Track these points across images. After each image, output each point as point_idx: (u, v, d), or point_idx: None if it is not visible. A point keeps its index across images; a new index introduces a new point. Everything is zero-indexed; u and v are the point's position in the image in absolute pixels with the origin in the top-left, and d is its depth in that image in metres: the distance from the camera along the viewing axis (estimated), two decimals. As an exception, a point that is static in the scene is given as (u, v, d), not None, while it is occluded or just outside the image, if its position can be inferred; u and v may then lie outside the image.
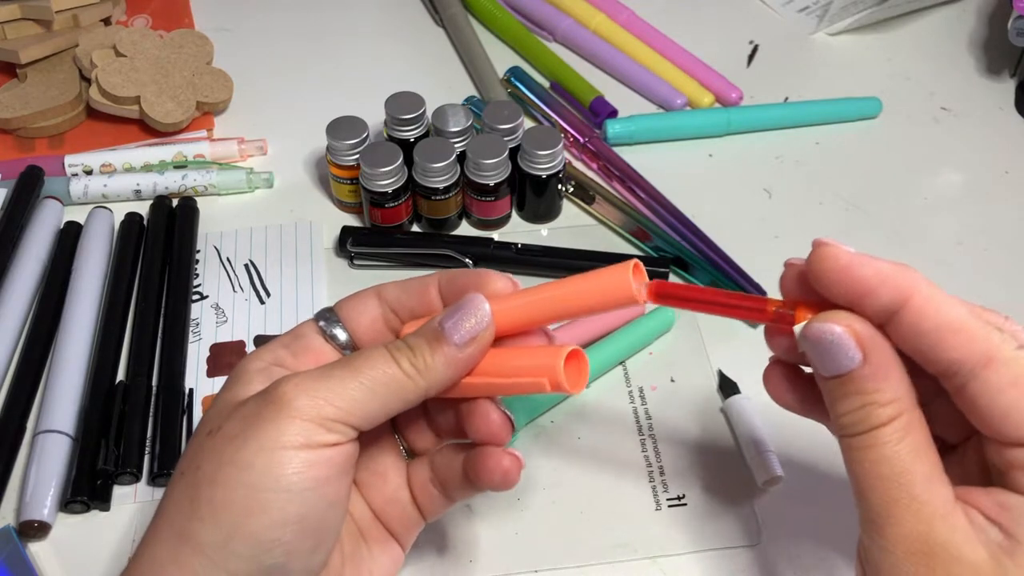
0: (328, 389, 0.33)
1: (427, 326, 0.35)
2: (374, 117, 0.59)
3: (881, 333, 0.32)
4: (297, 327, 0.38)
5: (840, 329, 0.31)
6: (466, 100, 0.65)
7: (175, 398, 0.50)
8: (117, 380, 0.51)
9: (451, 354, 0.34)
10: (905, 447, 0.31)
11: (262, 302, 0.56)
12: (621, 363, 0.52)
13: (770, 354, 0.37)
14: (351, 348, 0.37)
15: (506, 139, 0.57)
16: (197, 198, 0.61)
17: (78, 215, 0.59)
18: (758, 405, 0.49)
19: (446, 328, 0.34)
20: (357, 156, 0.57)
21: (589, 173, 0.62)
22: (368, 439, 0.37)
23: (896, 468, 0.31)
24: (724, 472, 0.48)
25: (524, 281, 0.39)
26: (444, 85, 0.68)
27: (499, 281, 0.36)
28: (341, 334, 0.37)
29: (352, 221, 0.60)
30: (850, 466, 0.32)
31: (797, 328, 0.33)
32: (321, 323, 0.37)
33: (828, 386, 0.33)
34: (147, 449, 0.49)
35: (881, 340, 0.32)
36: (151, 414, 0.50)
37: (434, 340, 0.34)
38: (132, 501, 0.47)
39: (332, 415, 0.33)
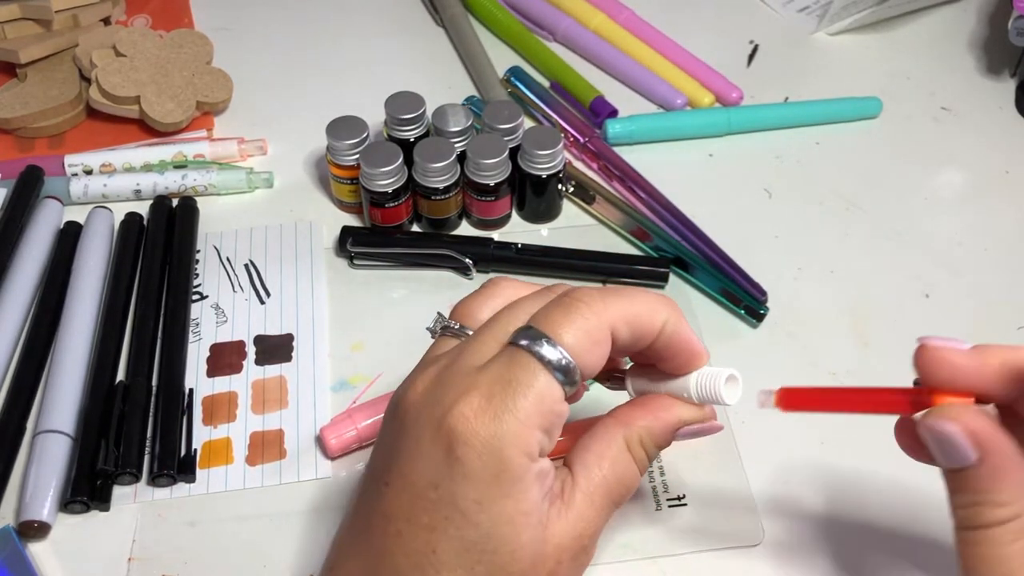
0: None
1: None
2: (374, 117, 0.59)
3: (1012, 415, 0.32)
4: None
5: (954, 428, 0.31)
6: (466, 100, 0.65)
7: (175, 398, 0.50)
8: (117, 380, 0.51)
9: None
10: (1016, 550, 0.31)
11: (262, 302, 0.56)
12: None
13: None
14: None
15: (506, 139, 0.57)
16: (197, 198, 0.60)
17: (78, 215, 0.59)
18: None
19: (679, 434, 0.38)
20: (357, 156, 0.57)
21: (589, 173, 0.62)
22: None
23: (1004, 569, 0.31)
24: (724, 472, 0.48)
25: (524, 281, 0.39)
26: (444, 85, 0.68)
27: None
28: None
29: (352, 221, 0.60)
30: (960, 555, 0.32)
31: (917, 416, 0.33)
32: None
33: (946, 475, 0.33)
34: (147, 449, 0.49)
35: (1000, 440, 0.31)
36: (151, 414, 0.50)
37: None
38: (132, 501, 0.47)
39: None
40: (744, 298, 0.54)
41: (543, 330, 0.33)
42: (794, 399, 0.37)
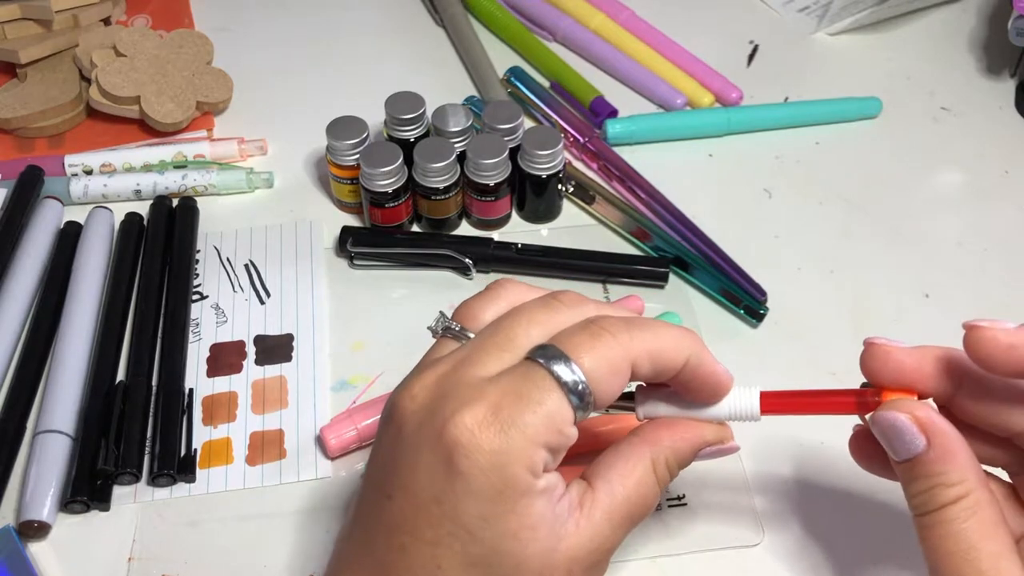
0: None
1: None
2: (374, 117, 0.59)
3: (948, 413, 0.34)
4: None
5: (903, 417, 0.33)
6: (466, 100, 0.65)
7: (175, 398, 0.50)
8: (117, 380, 0.51)
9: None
10: (972, 525, 0.32)
11: (262, 302, 0.56)
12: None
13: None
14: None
15: (506, 139, 0.57)
16: (197, 198, 0.61)
17: (78, 215, 0.59)
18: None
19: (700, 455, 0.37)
20: (357, 156, 0.57)
21: (589, 173, 0.62)
22: None
23: (963, 545, 0.32)
24: (724, 472, 0.48)
25: (523, 281, 0.39)
26: (444, 85, 0.68)
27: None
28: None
29: (352, 221, 0.60)
30: (922, 543, 0.34)
31: (868, 416, 0.35)
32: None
33: (899, 469, 0.34)
34: (147, 449, 0.49)
35: (944, 425, 0.33)
36: (151, 414, 0.50)
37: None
38: (132, 501, 0.47)
39: None
40: (744, 298, 0.54)
41: (563, 350, 0.33)
42: (767, 404, 0.38)
